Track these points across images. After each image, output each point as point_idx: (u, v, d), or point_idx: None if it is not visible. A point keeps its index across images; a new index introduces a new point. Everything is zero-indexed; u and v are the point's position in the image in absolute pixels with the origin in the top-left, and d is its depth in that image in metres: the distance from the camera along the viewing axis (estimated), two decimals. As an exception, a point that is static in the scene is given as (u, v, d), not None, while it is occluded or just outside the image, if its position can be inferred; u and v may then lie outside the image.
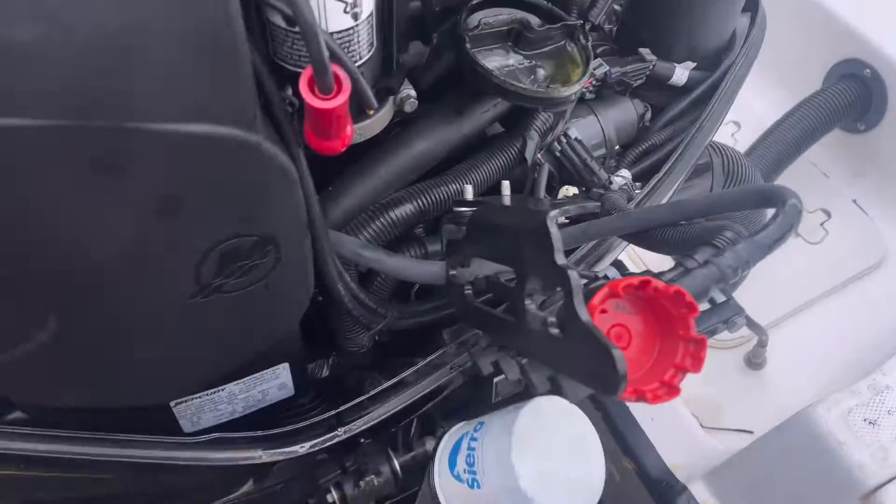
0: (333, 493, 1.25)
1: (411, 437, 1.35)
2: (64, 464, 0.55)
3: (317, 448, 0.60)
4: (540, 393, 0.55)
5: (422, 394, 0.63)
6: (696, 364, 0.43)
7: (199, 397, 0.59)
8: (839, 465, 0.77)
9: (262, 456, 0.59)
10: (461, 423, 0.68)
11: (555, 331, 0.43)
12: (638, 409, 0.97)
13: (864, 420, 0.79)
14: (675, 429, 0.95)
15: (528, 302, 0.47)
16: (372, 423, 0.61)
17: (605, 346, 0.38)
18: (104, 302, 0.43)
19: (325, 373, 0.68)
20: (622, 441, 0.95)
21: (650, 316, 0.45)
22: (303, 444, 0.60)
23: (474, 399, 1.12)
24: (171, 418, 0.59)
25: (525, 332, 0.47)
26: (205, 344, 0.52)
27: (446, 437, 0.68)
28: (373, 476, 1.29)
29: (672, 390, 0.43)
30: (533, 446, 0.58)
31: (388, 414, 0.62)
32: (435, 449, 0.67)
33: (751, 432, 1.09)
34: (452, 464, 0.64)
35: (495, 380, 1.12)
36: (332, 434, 0.61)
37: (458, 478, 0.62)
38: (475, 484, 0.60)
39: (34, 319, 0.43)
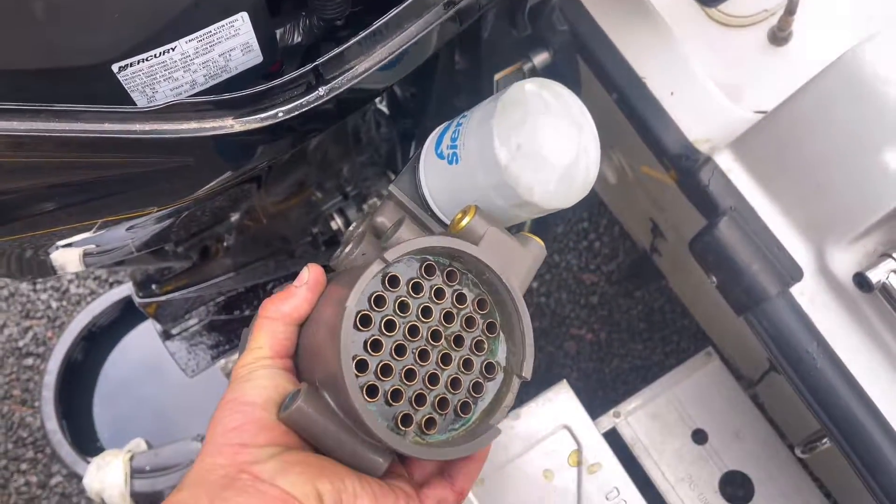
0: (337, 219, 1.22)
1: (411, 157, 1.29)
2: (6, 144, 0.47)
3: (297, 113, 0.52)
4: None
5: (413, 40, 0.53)
6: None
7: (147, 59, 0.49)
8: (885, 108, 0.69)
9: (233, 125, 0.51)
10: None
11: None
12: (656, 86, 0.87)
13: (917, 53, 0.70)
14: (697, 102, 0.86)
15: None
16: (357, 79, 0.52)
17: None
18: None
19: (298, 38, 0.58)
20: (640, 122, 0.87)
21: None
22: (280, 108, 0.51)
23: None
24: (120, 91, 0.50)
25: None
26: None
27: (442, 124, 0.63)
28: (375, 199, 1.25)
29: None
30: (517, 119, 0.54)
31: (375, 67, 0.53)
32: (425, 141, 0.62)
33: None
34: (439, 143, 0.59)
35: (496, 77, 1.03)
36: (313, 95, 0.52)
37: (440, 155, 0.59)
38: (454, 158, 0.57)
39: None
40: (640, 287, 1.75)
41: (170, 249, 0.97)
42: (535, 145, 0.53)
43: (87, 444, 1.61)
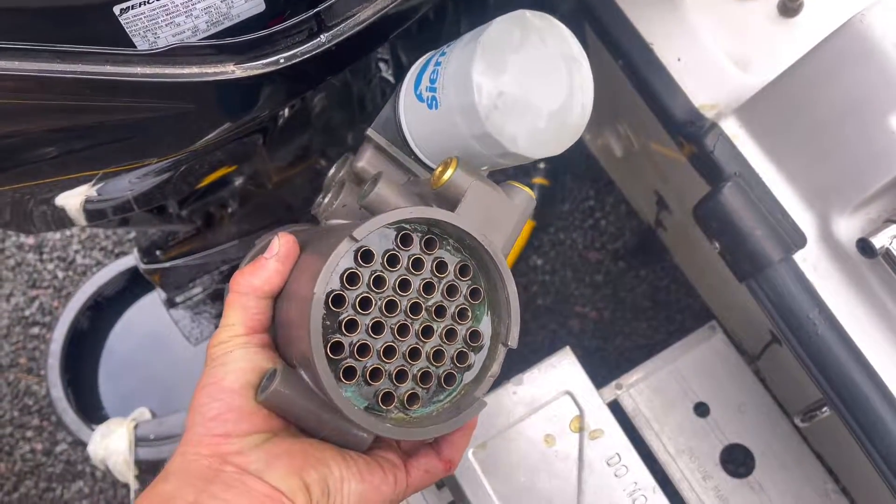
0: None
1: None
2: (13, 85, 0.47)
3: (298, 59, 0.52)
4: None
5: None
6: None
7: (148, 1, 0.49)
8: (893, 72, 0.68)
9: (234, 70, 0.51)
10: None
11: None
12: (663, 52, 0.87)
13: (927, 17, 0.69)
14: (704, 68, 0.85)
15: None
16: (360, 26, 0.52)
17: None
18: None
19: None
20: (646, 88, 0.87)
21: None
22: (282, 55, 0.51)
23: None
24: (122, 35, 0.50)
25: None
26: None
27: (422, 58, 0.60)
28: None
29: None
30: (500, 61, 0.49)
31: (380, 14, 0.52)
32: (404, 76, 0.60)
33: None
34: (418, 82, 0.56)
35: None
36: (314, 42, 0.52)
37: (419, 97, 0.55)
38: (433, 103, 0.53)
39: None
40: (646, 263, 1.75)
41: (173, 212, 0.97)
42: (519, 91, 0.49)
43: (92, 413, 1.63)
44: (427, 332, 0.48)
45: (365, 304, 0.46)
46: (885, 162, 0.69)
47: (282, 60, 0.51)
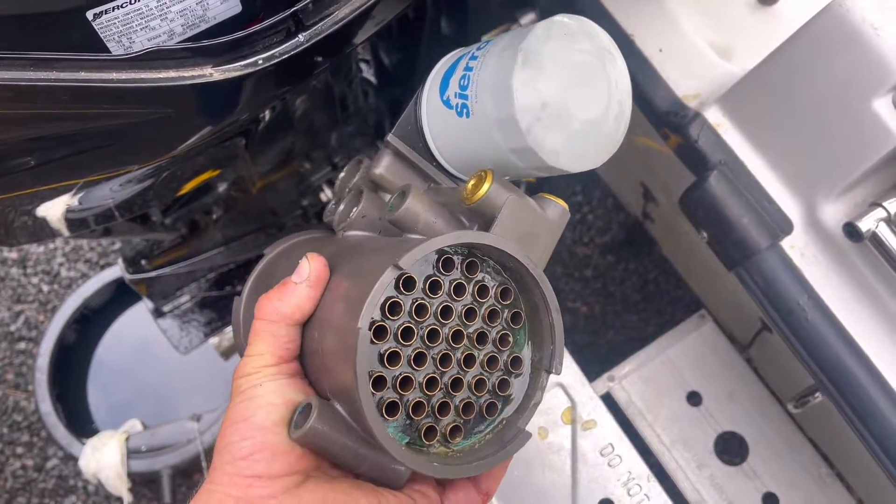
0: (326, 191, 1.22)
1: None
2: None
3: (276, 60, 0.51)
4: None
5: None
6: None
7: (122, 6, 0.48)
8: (873, 55, 0.68)
9: (212, 73, 0.50)
10: (460, 49, 0.58)
11: None
12: (645, 43, 0.87)
13: (905, 0, 0.69)
14: (686, 58, 0.85)
15: None
16: (338, 24, 0.52)
17: None
18: None
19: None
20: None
21: None
22: (260, 56, 0.51)
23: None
24: (96, 40, 0.50)
25: None
26: None
27: (445, 58, 0.58)
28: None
29: None
30: (541, 70, 0.46)
31: (356, 12, 0.52)
32: (427, 76, 0.58)
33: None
34: (444, 87, 0.54)
35: None
36: (293, 42, 0.51)
37: (446, 103, 0.53)
38: (464, 111, 0.51)
39: None
40: (635, 256, 1.75)
41: (157, 220, 0.96)
42: (562, 104, 0.47)
43: (83, 426, 1.61)
44: (469, 360, 0.46)
45: (407, 334, 0.44)
46: (868, 145, 0.69)
47: (260, 61, 0.50)
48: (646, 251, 1.73)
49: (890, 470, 0.70)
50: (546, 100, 0.46)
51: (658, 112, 0.84)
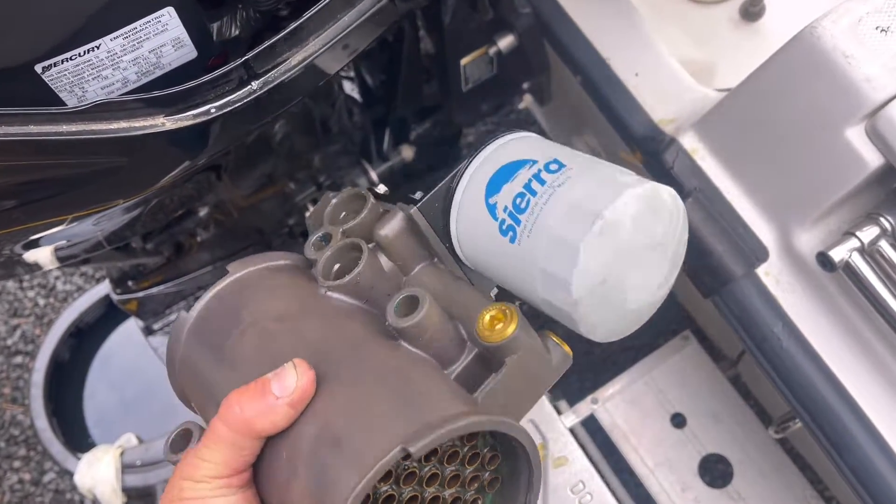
0: (311, 209, 1.21)
1: (385, 146, 1.28)
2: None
3: (230, 108, 0.51)
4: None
5: (347, 29, 0.51)
6: None
7: (71, 58, 0.48)
8: (845, 83, 0.67)
9: (164, 123, 0.50)
10: (520, 137, 0.50)
11: None
12: (620, 67, 0.86)
13: (877, 28, 0.68)
14: (662, 82, 0.85)
15: None
16: (290, 72, 0.51)
17: None
18: None
19: (236, 31, 0.57)
20: (605, 104, 0.86)
21: None
22: (212, 105, 0.50)
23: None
24: (47, 91, 0.49)
25: None
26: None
27: (497, 144, 0.50)
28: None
29: None
30: (615, 248, 0.42)
31: (309, 59, 0.51)
32: (477, 152, 0.50)
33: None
34: (493, 189, 0.47)
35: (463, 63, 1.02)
36: (245, 90, 0.51)
37: (491, 210, 0.47)
38: (510, 234, 0.45)
39: None
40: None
41: (138, 246, 0.96)
42: (621, 285, 0.43)
43: (79, 441, 1.62)
44: None
45: (388, 500, 0.41)
46: (841, 174, 0.69)
47: (213, 110, 0.50)
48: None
49: (865, 500, 0.69)
50: (608, 278, 0.42)
51: (634, 137, 0.83)
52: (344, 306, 0.49)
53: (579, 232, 0.42)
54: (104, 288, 1.70)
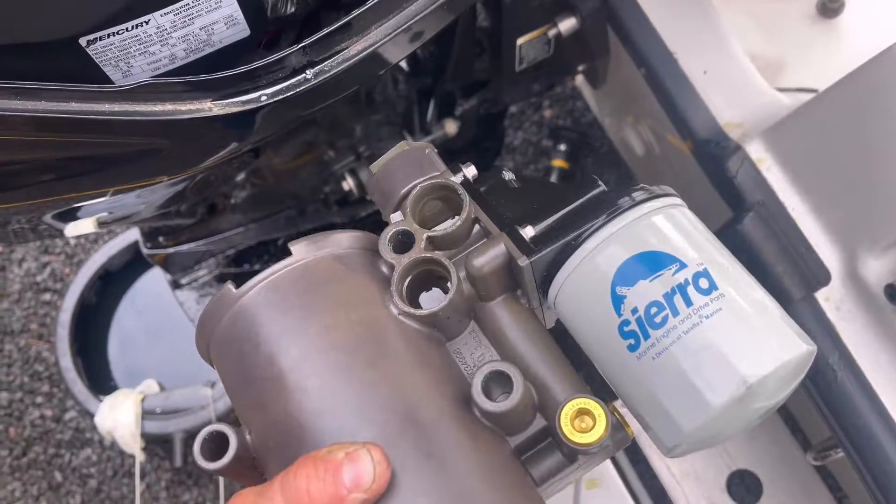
0: (349, 179, 1.18)
1: (429, 119, 1.24)
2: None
3: (281, 97, 0.47)
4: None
5: (413, 19, 0.48)
6: None
7: (118, 33, 0.45)
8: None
9: (211, 108, 0.47)
10: (668, 212, 0.43)
11: None
12: (688, 63, 0.81)
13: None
14: (732, 83, 0.79)
15: None
16: (350, 62, 0.48)
17: None
18: None
19: (291, 8, 0.53)
20: (668, 100, 0.81)
21: None
22: (264, 91, 0.47)
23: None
24: (92, 66, 0.46)
25: None
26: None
27: (641, 212, 0.41)
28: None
29: None
30: (742, 415, 0.39)
31: (372, 49, 0.48)
32: (614, 213, 0.42)
33: (815, 91, 0.94)
34: (624, 278, 0.40)
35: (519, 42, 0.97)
36: (299, 78, 0.47)
37: (615, 302, 0.41)
38: (634, 343, 0.39)
39: None
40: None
41: (173, 209, 0.94)
42: (721, 436, 0.41)
43: (101, 383, 1.63)
44: None
45: None
46: (922, 203, 0.64)
47: (264, 98, 0.47)
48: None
49: (908, 545, 0.67)
50: (716, 433, 0.40)
51: (697, 139, 0.78)
52: (416, 341, 0.43)
53: (717, 392, 0.37)
54: (135, 234, 1.69)
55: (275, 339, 0.42)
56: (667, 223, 0.42)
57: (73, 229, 0.66)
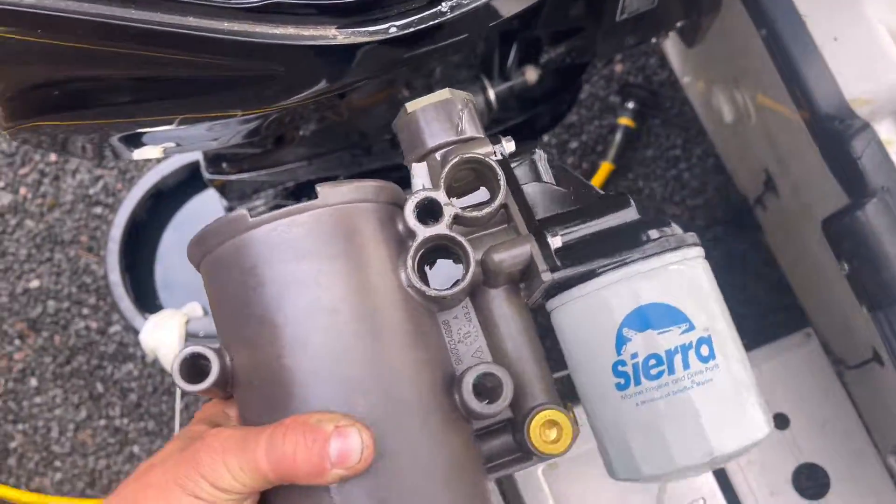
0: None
1: (509, 64, 1.17)
2: (82, 30, 0.40)
3: (412, 30, 0.43)
4: None
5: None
6: None
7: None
8: None
9: (336, 36, 0.42)
10: (691, 264, 0.45)
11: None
12: (818, 28, 0.74)
13: None
14: (864, 53, 0.73)
15: None
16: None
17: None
18: None
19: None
20: (789, 66, 0.75)
21: None
22: (394, 23, 0.43)
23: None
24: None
25: None
26: None
27: (670, 260, 0.44)
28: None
29: None
30: (708, 468, 0.45)
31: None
32: (645, 253, 0.45)
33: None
34: (634, 322, 0.42)
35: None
36: (433, 11, 0.43)
37: (619, 342, 0.43)
38: (624, 383, 0.42)
39: None
40: (729, 231, 1.63)
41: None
42: (662, 481, 0.45)
43: (147, 301, 1.64)
44: None
45: None
46: None
47: (393, 29, 0.42)
48: (742, 230, 1.60)
49: None
50: (665, 479, 0.45)
51: (818, 114, 0.72)
52: (417, 316, 0.44)
53: (685, 454, 0.41)
54: (187, 155, 1.67)
55: (283, 284, 0.41)
56: (687, 277, 0.44)
57: (139, 154, 0.64)
